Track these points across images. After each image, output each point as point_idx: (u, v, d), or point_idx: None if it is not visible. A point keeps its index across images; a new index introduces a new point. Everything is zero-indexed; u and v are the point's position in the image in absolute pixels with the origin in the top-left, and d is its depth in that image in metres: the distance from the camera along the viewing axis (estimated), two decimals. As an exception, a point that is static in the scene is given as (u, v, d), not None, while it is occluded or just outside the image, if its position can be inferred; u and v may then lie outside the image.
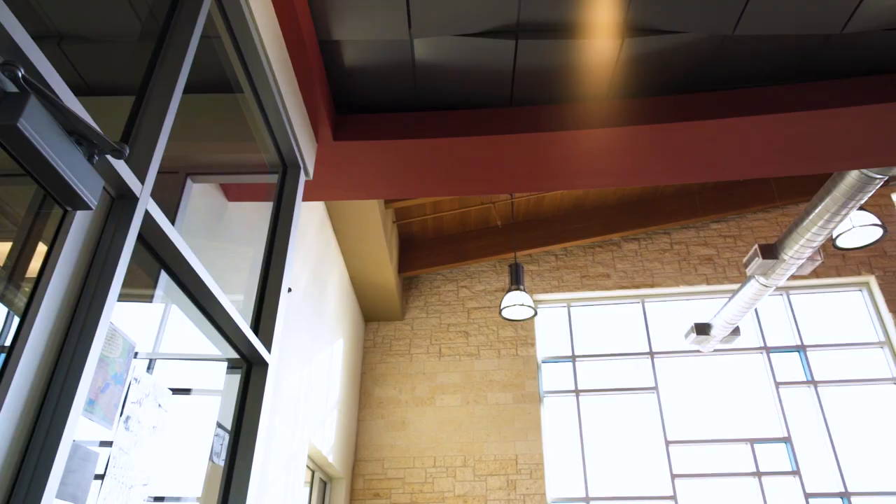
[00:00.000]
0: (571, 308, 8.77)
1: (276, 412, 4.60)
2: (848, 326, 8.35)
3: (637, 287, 8.60)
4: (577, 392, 8.13)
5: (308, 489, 6.53)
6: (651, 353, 8.31)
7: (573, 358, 8.36)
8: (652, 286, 8.58)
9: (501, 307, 6.21)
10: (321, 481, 6.99)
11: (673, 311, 8.65)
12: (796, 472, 7.42)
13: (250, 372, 2.24)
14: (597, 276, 8.72)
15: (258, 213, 2.72)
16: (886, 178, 4.54)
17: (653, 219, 8.65)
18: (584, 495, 7.47)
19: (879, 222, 5.23)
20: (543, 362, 8.37)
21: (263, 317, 2.35)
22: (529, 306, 6.16)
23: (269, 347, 2.28)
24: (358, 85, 3.23)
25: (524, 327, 8.40)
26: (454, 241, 8.67)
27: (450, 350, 8.34)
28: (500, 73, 3.13)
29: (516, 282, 6.28)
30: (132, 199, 1.41)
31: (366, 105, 3.37)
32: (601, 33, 2.90)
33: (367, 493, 7.52)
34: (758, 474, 7.46)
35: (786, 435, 7.65)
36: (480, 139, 3.24)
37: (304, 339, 5.61)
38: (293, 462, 5.09)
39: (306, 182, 3.48)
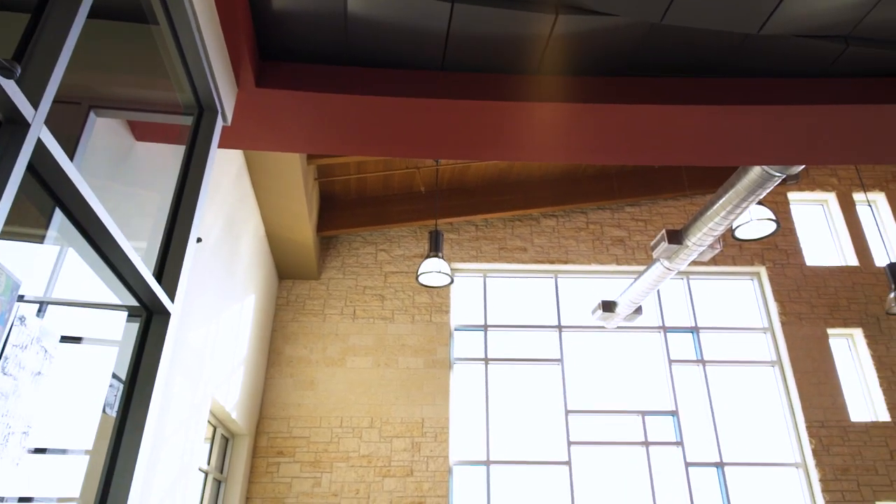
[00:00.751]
0: (487, 278, 8.95)
1: (178, 365, 4.44)
2: (738, 312, 9.01)
3: (552, 262, 8.87)
4: (486, 360, 8.35)
5: (209, 445, 6.39)
6: (559, 327, 8.65)
7: (485, 327, 8.57)
8: (566, 262, 8.88)
9: (418, 273, 6.24)
10: (223, 437, 6.86)
11: (583, 287, 9.01)
12: (679, 443, 8.01)
13: (150, 321, 2.14)
14: (514, 248, 8.91)
15: (169, 156, 2.57)
16: (784, 176, 4.88)
17: (572, 198, 8.91)
18: (485, 458, 7.75)
19: (774, 217, 5.63)
20: (456, 330, 8.53)
21: (168, 265, 2.24)
22: (446, 274, 6.22)
23: (172, 297, 2.18)
24: (286, 31, 3.08)
25: (440, 294, 8.50)
26: (376, 203, 8.59)
27: (364, 312, 8.32)
28: (434, 35, 3.08)
29: (435, 249, 6.32)
30: (23, 125, 1.29)
31: (293, 53, 3.24)
32: (536, 6, 2.91)
33: (270, 451, 7.46)
34: (646, 444, 8.00)
35: (674, 409, 8.22)
36: (409, 101, 3.20)
37: (213, 293, 5.42)
38: (194, 417, 4.96)
39: (224, 128, 3.31)
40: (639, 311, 7.71)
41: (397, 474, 7.41)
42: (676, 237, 6.22)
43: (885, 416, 8.17)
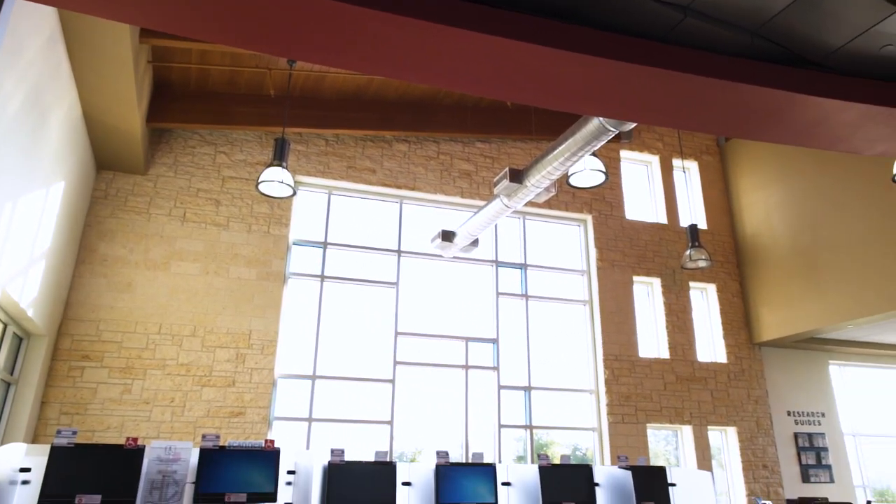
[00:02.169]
0: (332, 196, 8.76)
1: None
2: (563, 254, 9.78)
3: (399, 187, 8.89)
4: (322, 278, 8.29)
5: (-3, 343, 5.71)
6: (399, 252, 8.78)
7: (325, 244, 8.45)
8: (413, 189, 8.95)
9: (259, 181, 5.92)
10: (15, 336, 6.16)
11: (426, 215, 9.17)
12: (496, 368, 8.68)
13: None
14: (363, 169, 8.77)
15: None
16: (618, 131, 5.26)
17: (426, 125, 8.89)
18: (311, 373, 7.81)
19: (604, 170, 6.08)
20: (294, 244, 8.31)
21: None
22: (289, 185, 5.97)
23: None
24: None
25: (280, 206, 8.18)
26: (219, 100, 7.91)
27: (196, 216, 7.78)
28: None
29: (280, 158, 6.00)
30: None
31: None
32: None
33: (74, 354, 6.86)
34: (466, 367, 8.56)
35: (495, 337, 8.85)
36: (259, -14, 2.91)
37: (10, 173, 4.71)
38: (-23, 311, 4.36)
39: (27, -25, 2.78)
40: (475, 243, 8.05)
41: (218, 384, 7.23)
42: (518, 176, 6.50)
43: (665, 354, 9.49)
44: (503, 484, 4.85)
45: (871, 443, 10.73)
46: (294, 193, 6.11)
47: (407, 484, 4.47)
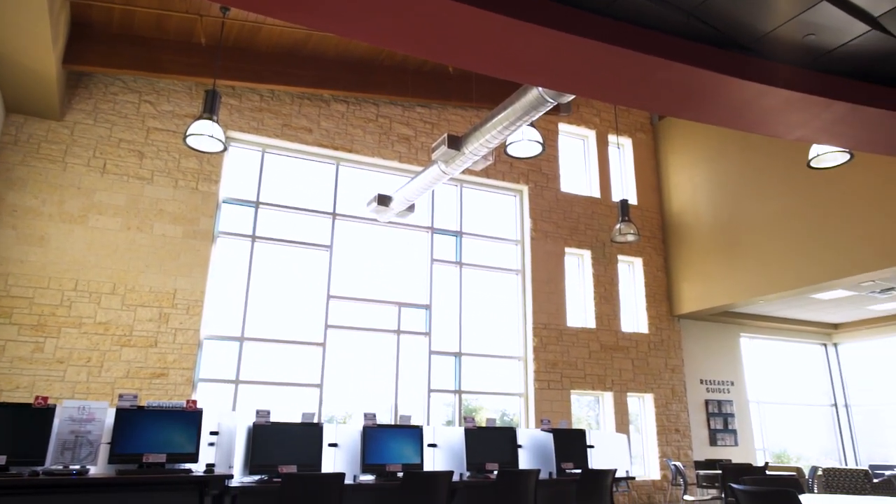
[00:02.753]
0: (266, 154, 8.48)
1: None
2: (498, 223, 9.89)
3: (336, 149, 8.69)
4: (253, 238, 8.06)
5: None
6: (334, 214, 8.64)
7: (257, 204, 8.20)
8: (350, 151, 8.77)
9: (187, 133, 5.64)
10: (-89, 289, 5.71)
11: (362, 178, 9.03)
12: (427, 334, 8.76)
13: None
14: (299, 128, 8.52)
15: None
16: (556, 103, 5.30)
17: (366, 86, 8.69)
18: (239, 335, 7.65)
19: (542, 141, 6.14)
20: (224, 202, 8.03)
21: None
22: (219, 140, 5.72)
23: None
24: None
25: (210, 162, 7.85)
26: (145, 45, 7.44)
27: (117, 168, 7.37)
28: None
29: (210, 111, 5.72)
30: None
31: None
32: None
33: (-21, 310, 6.44)
34: (398, 332, 8.60)
35: (428, 303, 8.90)
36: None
37: None
38: None
39: None
40: (411, 209, 8.01)
41: (139, 344, 6.97)
42: (456, 143, 6.48)
43: (592, 324, 9.84)
44: (429, 445, 4.95)
45: (773, 410, 11.58)
46: (225, 149, 5.87)
47: (333, 445, 4.49)
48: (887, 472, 7.52)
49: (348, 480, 4.22)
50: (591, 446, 5.73)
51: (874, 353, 11.87)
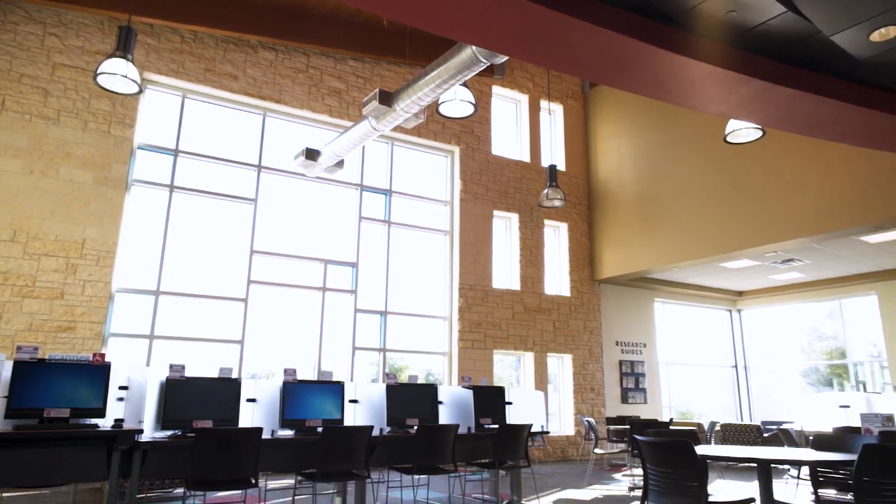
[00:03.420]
0: (187, 100, 8.03)
1: None
2: (428, 183, 9.86)
3: (263, 98, 8.34)
4: (171, 187, 7.69)
5: None
6: (259, 167, 8.34)
7: (176, 152, 7.80)
8: (278, 102, 8.45)
9: (98, 72, 5.24)
10: None
11: (290, 130, 8.74)
12: (354, 292, 8.72)
13: None
14: (224, 74, 8.10)
15: None
16: (490, 63, 5.27)
17: (296, 34, 8.34)
18: (154, 288, 7.34)
19: (474, 101, 6.11)
20: (140, 148, 7.58)
21: None
22: (134, 81, 5.35)
23: None
24: None
25: (125, 104, 7.37)
26: (50, -28, 6.81)
27: (18, 106, 6.79)
28: None
29: (124, 49, 5.32)
30: None
31: None
32: None
33: None
34: (324, 290, 8.50)
35: (354, 261, 8.83)
36: None
37: None
38: None
39: None
40: (340, 164, 7.85)
41: (43, 296, 6.57)
42: (388, 99, 6.36)
43: (517, 286, 10.07)
44: (351, 401, 4.97)
45: (680, 371, 12.34)
46: (140, 91, 5.50)
47: (252, 400, 4.43)
48: (776, 427, 8.21)
49: (266, 435, 4.18)
50: (510, 403, 5.92)
51: (773, 319, 12.80)
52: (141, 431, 3.68)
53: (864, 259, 9.76)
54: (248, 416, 4.37)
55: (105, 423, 3.69)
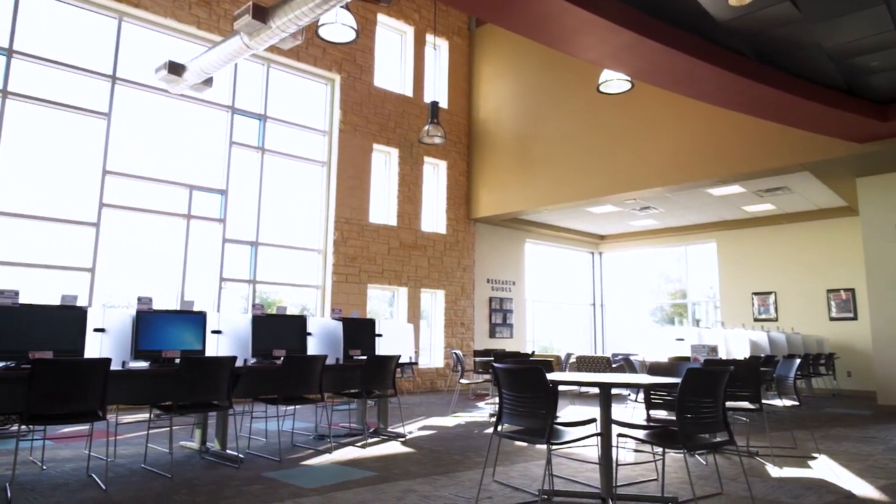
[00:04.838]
0: (23, -8, 6.96)
1: None
2: (306, 111, 9.43)
3: (119, 1, 7.43)
4: (5, 94, 6.74)
5: None
6: (114, 78, 7.52)
7: (10, 52, 6.81)
8: (137, 6, 7.57)
9: None
10: None
11: (150, 40, 7.91)
12: (222, 221, 8.28)
13: None
14: (69, -34, 7.08)
15: None
16: (371, -14, 5.03)
17: (158, -71, 7.43)
18: (-15, 208, 6.51)
19: (356, 27, 5.84)
20: (-37, 45, 6.53)
21: None
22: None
23: None
24: None
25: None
26: None
27: None
28: None
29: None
30: None
31: None
32: None
33: None
34: (188, 217, 7.99)
35: (224, 188, 8.35)
36: None
37: None
38: None
39: None
40: (209, 83, 7.25)
41: None
42: (262, 14, 5.90)
43: (393, 222, 10.08)
44: (213, 332, 4.79)
45: (545, 308, 13.15)
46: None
47: (100, 330, 4.13)
48: (622, 359, 9.06)
49: (115, 367, 3.93)
50: (380, 335, 6.01)
51: (629, 262, 13.91)
52: (-36, 362, 3.31)
53: (707, 210, 10.80)
54: (96, 348, 4.08)
55: (-81, 354, 3.28)
